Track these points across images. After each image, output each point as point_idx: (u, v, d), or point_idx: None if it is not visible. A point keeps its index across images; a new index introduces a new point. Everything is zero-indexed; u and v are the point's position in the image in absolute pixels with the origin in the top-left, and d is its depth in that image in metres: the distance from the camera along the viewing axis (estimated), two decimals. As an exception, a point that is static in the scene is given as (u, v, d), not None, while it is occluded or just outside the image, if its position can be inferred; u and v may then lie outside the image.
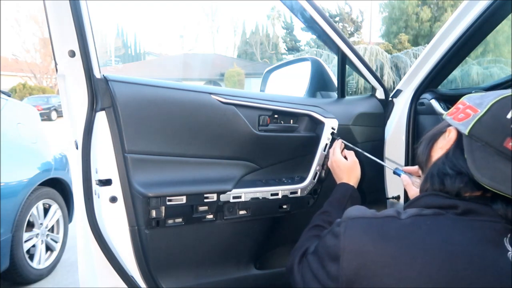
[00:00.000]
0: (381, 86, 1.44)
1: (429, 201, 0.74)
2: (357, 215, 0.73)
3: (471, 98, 0.76)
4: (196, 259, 1.17)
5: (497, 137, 0.67)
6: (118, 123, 1.00)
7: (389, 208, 0.76)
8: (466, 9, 1.13)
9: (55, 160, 2.78)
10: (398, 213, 0.71)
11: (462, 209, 0.69)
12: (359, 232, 0.69)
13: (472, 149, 0.70)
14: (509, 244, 0.66)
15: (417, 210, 0.71)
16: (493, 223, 0.67)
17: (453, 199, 0.71)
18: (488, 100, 0.70)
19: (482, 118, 0.70)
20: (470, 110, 0.73)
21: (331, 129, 1.24)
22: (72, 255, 2.85)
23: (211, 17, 43.16)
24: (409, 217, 0.69)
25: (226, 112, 1.13)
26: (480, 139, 0.69)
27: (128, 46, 42.95)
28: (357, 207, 0.80)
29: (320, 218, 1.02)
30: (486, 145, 0.68)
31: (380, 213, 0.73)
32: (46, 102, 18.26)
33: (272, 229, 1.28)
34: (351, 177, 1.12)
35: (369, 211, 0.75)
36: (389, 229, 0.68)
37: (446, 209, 0.70)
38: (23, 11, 27.74)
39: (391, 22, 22.53)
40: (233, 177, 1.16)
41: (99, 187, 1.00)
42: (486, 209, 0.68)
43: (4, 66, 23.43)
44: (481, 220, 0.68)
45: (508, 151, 0.66)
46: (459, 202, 0.69)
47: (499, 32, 14.10)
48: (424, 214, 0.70)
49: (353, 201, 1.06)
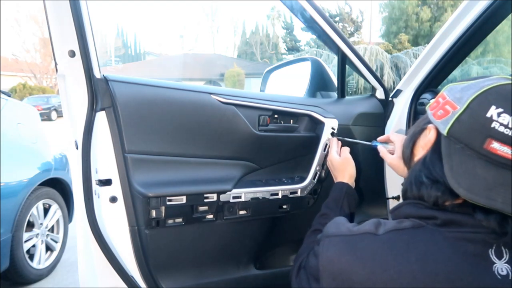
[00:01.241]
0: (381, 86, 1.44)
1: (409, 211, 0.70)
2: (333, 233, 0.72)
3: (452, 90, 0.69)
4: (196, 259, 1.17)
5: (477, 138, 0.61)
6: (118, 123, 1.00)
7: (369, 221, 0.71)
8: (466, 9, 1.13)
9: (55, 160, 2.78)
10: (376, 226, 0.68)
11: (441, 221, 0.64)
12: (335, 252, 0.68)
13: (450, 153, 0.64)
14: (495, 256, 0.62)
15: (395, 224, 0.67)
16: (475, 234, 0.62)
17: (432, 209, 0.66)
18: (468, 95, 0.64)
19: (461, 117, 0.63)
20: (449, 106, 0.66)
21: (331, 129, 1.24)
22: (72, 255, 2.85)
23: (211, 17, 43.21)
24: (387, 232, 0.66)
25: (226, 112, 1.13)
26: (459, 141, 0.63)
27: (128, 46, 42.96)
28: (336, 221, 0.78)
29: (318, 222, 1.02)
30: (466, 148, 0.62)
31: (357, 228, 0.70)
32: (46, 102, 18.26)
33: (272, 229, 1.28)
34: (345, 174, 1.11)
35: (346, 226, 0.73)
36: (365, 248, 0.66)
37: (426, 220, 0.66)
38: (23, 11, 27.79)
39: (391, 22, 22.54)
40: (233, 177, 1.16)
41: (99, 187, 1.00)
42: (468, 219, 0.63)
43: (4, 66, 23.44)
44: (463, 231, 0.63)
45: (489, 154, 0.60)
46: (438, 213, 0.65)
47: (499, 32, 14.12)
48: (403, 227, 0.66)
49: (349, 198, 1.05)
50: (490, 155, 0.60)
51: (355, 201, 1.07)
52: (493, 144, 0.60)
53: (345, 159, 1.12)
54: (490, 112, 0.60)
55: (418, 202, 0.69)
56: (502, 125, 0.59)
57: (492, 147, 0.60)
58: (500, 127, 0.59)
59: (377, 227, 0.68)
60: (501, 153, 0.59)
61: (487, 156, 0.60)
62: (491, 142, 0.60)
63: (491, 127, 0.60)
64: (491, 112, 0.60)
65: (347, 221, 0.78)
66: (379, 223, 0.69)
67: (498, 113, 0.60)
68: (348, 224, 0.74)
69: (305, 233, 1.04)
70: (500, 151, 0.59)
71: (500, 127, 0.59)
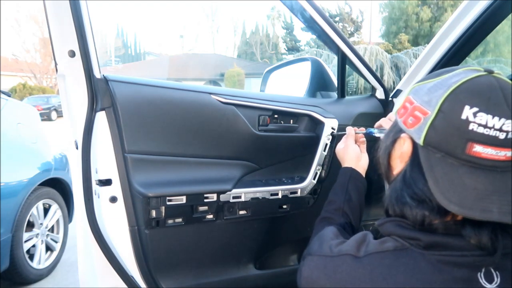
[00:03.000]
0: (381, 86, 1.44)
1: (391, 229, 0.63)
2: (315, 252, 0.69)
3: (418, 93, 0.62)
4: (196, 259, 1.17)
5: (457, 144, 0.55)
6: (118, 123, 1.00)
7: (353, 238, 0.67)
8: (466, 9, 1.13)
9: (55, 160, 2.78)
10: (359, 246, 0.64)
11: (425, 243, 0.59)
12: (313, 273, 0.66)
13: (431, 164, 0.58)
14: (485, 280, 0.57)
15: (377, 245, 0.62)
16: (462, 258, 0.57)
17: (415, 230, 0.60)
18: (437, 97, 0.58)
19: (435, 123, 0.57)
20: (419, 112, 0.60)
21: (331, 129, 1.24)
22: (72, 255, 2.85)
23: (211, 17, 43.20)
24: (367, 254, 0.62)
25: (226, 112, 1.13)
26: (438, 149, 0.57)
27: (128, 46, 42.96)
28: (321, 236, 0.73)
29: (326, 210, 0.97)
30: (447, 156, 0.56)
31: (338, 249, 0.66)
32: (46, 102, 18.25)
33: (272, 229, 1.28)
34: (346, 159, 1.03)
35: (329, 245, 0.68)
36: (343, 272, 0.62)
37: (410, 240, 0.60)
38: (23, 11, 27.79)
39: (391, 22, 22.55)
40: (233, 177, 1.16)
41: (99, 187, 1.00)
42: (453, 241, 0.57)
43: (4, 66, 23.42)
44: (448, 255, 0.57)
45: (473, 159, 0.55)
46: (421, 235, 0.59)
47: (499, 32, 14.12)
48: (385, 250, 0.61)
49: (355, 181, 0.99)
50: (475, 160, 0.55)
51: (362, 184, 1.01)
52: (475, 148, 0.54)
53: (346, 146, 1.05)
54: (464, 114, 0.54)
55: (401, 221, 0.63)
56: (480, 125, 0.54)
57: (474, 151, 0.54)
58: (479, 128, 0.54)
59: (359, 246, 0.64)
60: (486, 156, 0.54)
61: (472, 162, 0.55)
62: (472, 146, 0.54)
63: (469, 130, 0.54)
64: (466, 113, 0.54)
65: (334, 234, 0.73)
66: (362, 241, 0.65)
67: (473, 113, 0.54)
68: (332, 241, 0.69)
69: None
70: (484, 154, 0.54)
71: (479, 128, 0.54)
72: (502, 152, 0.54)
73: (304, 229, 1.27)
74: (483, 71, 0.58)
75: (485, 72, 0.58)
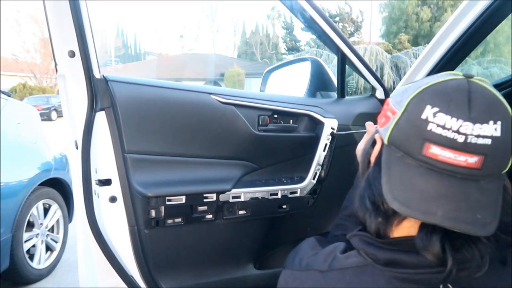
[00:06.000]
0: (381, 86, 1.44)
1: (357, 244, 0.62)
2: (288, 264, 0.68)
3: (394, 95, 0.61)
4: (196, 259, 1.18)
5: (415, 143, 0.53)
6: (118, 123, 1.00)
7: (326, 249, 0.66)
8: (466, 9, 1.13)
9: (55, 160, 2.78)
10: (327, 258, 0.63)
11: (383, 260, 0.57)
12: (282, 286, 0.66)
13: (390, 163, 0.57)
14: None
15: (342, 260, 0.61)
16: (419, 275, 0.55)
17: (374, 246, 0.59)
18: (406, 97, 0.56)
19: (399, 122, 0.56)
20: (390, 112, 0.59)
21: (330, 129, 1.24)
22: (72, 255, 2.85)
23: (211, 17, 43.20)
24: (331, 270, 0.61)
25: (225, 112, 1.13)
26: (399, 149, 0.56)
27: (128, 46, 42.96)
28: (297, 249, 0.72)
29: (339, 216, 0.96)
30: (405, 156, 0.55)
31: (306, 263, 0.65)
32: (46, 102, 18.25)
33: (271, 229, 1.28)
34: None
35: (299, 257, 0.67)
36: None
37: (370, 256, 0.59)
38: (23, 11, 27.76)
39: (391, 22, 22.57)
40: (233, 177, 1.16)
41: (98, 187, 1.00)
42: (409, 257, 0.56)
43: (4, 66, 23.42)
44: (406, 272, 0.56)
45: (429, 160, 0.53)
46: (378, 252, 0.58)
47: (499, 32, 14.14)
48: (347, 266, 0.60)
49: None
50: (431, 161, 0.53)
51: None
52: (431, 149, 0.52)
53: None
54: (425, 113, 0.53)
55: (365, 235, 0.61)
56: (439, 126, 0.51)
57: (431, 152, 0.52)
58: (437, 129, 0.51)
59: (326, 260, 0.63)
60: (444, 159, 0.52)
61: (428, 163, 0.53)
62: (429, 147, 0.52)
63: (427, 130, 0.52)
64: (426, 113, 0.52)
65: (310, 246, 0.71)
66: (331, 253, 0.64)
67: (433, 113, 0.52)
68: (305, 253, 0.68)
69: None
70: (441, 157, 0.52)
71: (437, 129, 0.51)
72: (462, 156, 0.51)
73: (304, 229, 1.27)
74: (460, 76, 0.56)
75: (462, 77, 0.56)
